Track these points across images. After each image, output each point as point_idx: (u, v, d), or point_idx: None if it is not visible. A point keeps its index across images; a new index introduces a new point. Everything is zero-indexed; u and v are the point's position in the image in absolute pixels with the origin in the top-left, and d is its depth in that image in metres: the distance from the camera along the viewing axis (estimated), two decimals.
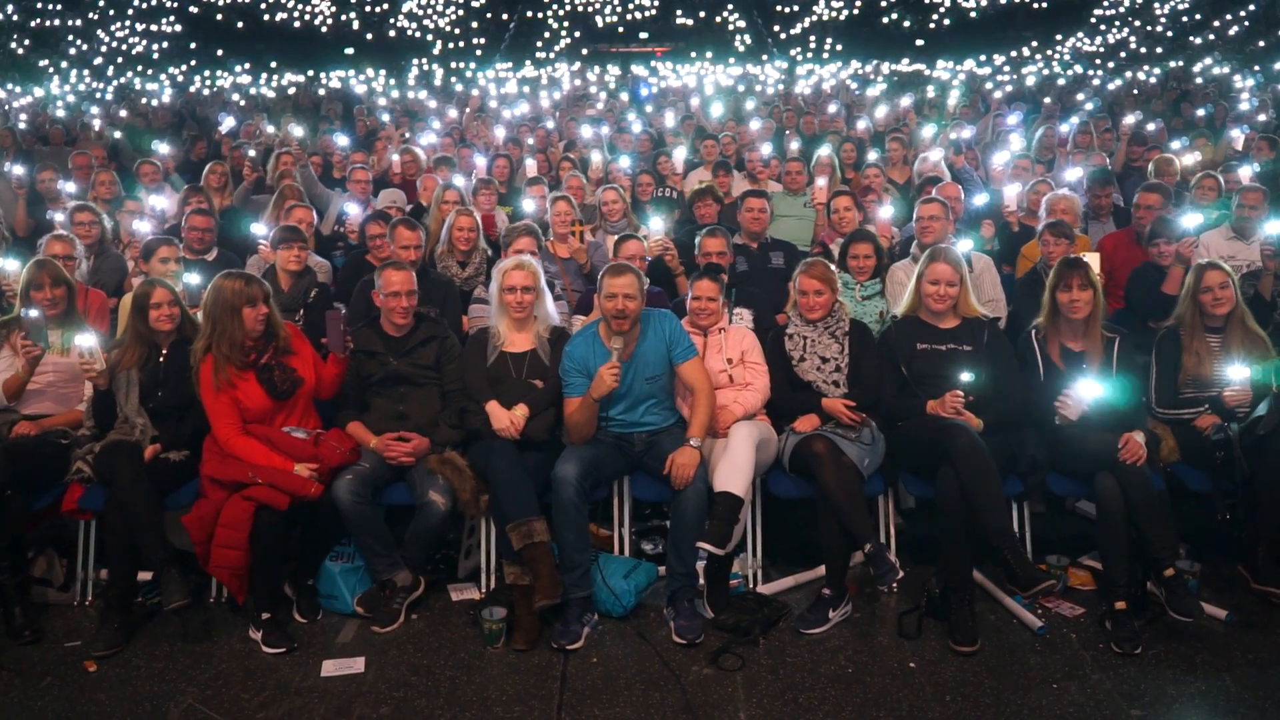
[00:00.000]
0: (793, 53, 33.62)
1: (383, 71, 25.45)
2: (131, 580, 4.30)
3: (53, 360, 4.66)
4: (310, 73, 25.01)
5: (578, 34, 39.24)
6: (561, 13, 40.69)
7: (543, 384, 4.65)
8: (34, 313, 4.51)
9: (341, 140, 10.73)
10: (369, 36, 37.31)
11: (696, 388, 4.53)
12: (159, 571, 4.16)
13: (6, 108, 16.77)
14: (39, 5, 30.38)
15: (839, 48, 34.54)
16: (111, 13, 32.81)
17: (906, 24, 37.35)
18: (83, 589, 4.59)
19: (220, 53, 32.14)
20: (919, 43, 33.91)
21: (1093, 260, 4.80)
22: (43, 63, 27.96)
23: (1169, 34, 29.99)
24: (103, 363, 4.39)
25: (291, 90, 19.47)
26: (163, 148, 9.96)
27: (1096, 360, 4.51)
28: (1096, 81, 19.21)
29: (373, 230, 6.15)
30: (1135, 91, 16.72)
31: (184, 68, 29.46)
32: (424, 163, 9.14)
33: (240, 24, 35.95)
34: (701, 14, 40.47)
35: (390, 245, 5.79)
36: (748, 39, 38.31)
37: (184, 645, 4.18)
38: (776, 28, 38.86)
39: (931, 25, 36.72)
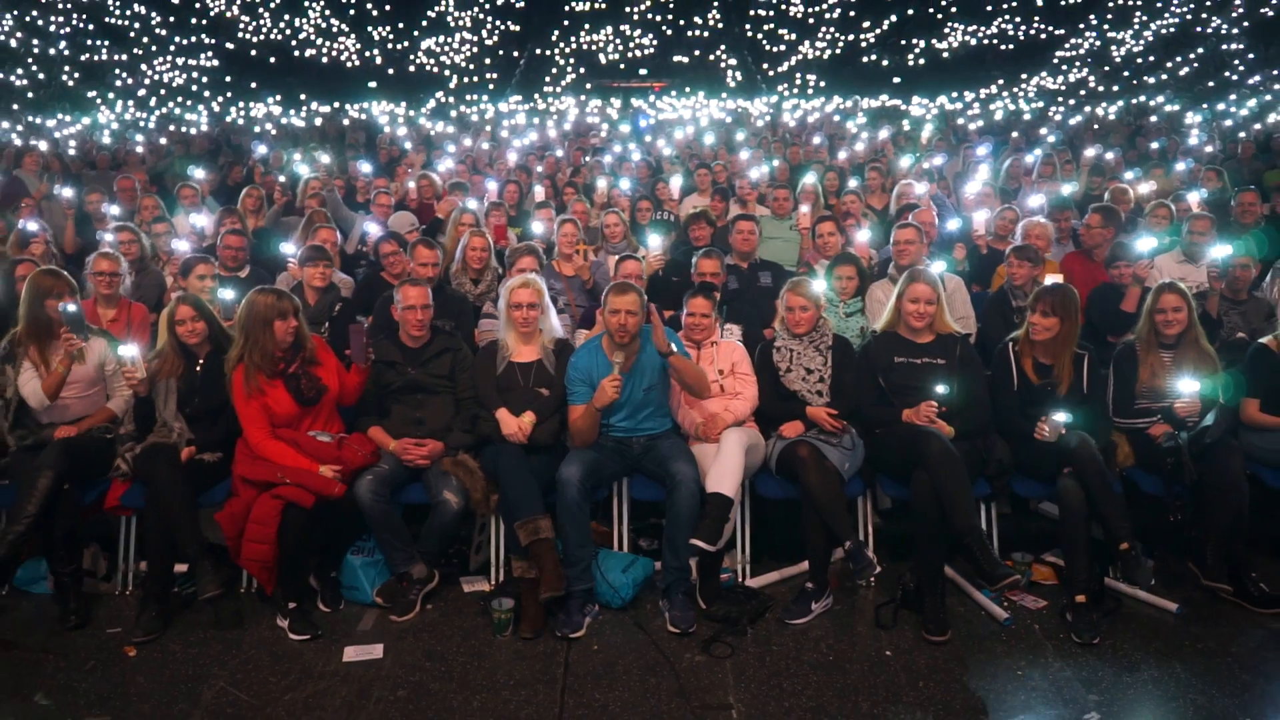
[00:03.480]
0: (780, 88, 33.74)
1: (403, 103, 25.53)
2: (168, 572, 4.30)
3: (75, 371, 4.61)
4: (336, 104, 25.13)
5: (582, 70, 39.43)
6: (568, 51, 40.91)
7: (548, 392, 4.65)
8: (71, 307, 4.45)
9: (365, 167, 10.75)
10: (390, 71, 37.50)
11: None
12: (194, 564, 4.16)
13: (57, 135, 16.80)
14: (88, 41, 30.54)
15: (822, 84, 34.74)
16: (154, 48, 33.02)
17: (885, 63, 37.59)
18: (124, 580, 4.58)
19: (254, 85, 32.27)
20: (896, 80, 34.10)
21: (1056, 280, 4.80)
22: (91, 94, 28.08)
23: (1125, 74, 30.17)
24: (143, 371, 4.38)
25: (319, 120, 19.51)
26: (200, 172, 9.97)
27: (1066, 375, 4.52)
28: (1059, 117, 19.29)
29: (386, 249, 6.14)
30: (1095, 126, 16.77)
31: (220, 99, 29.56)
32: (440, 188, 9.15)
33: (272, 59, 36.19)
34: (696, 52, 40.69)
35: (408, 263, 5.81)
36: (739, 75, 38.49)
37: (216, 632, 4.17)
38: (765, 65, 39.06)
39: (908, 64, 36.96)
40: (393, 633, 4.17)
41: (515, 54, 40.83)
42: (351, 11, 39.66)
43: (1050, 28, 36.00)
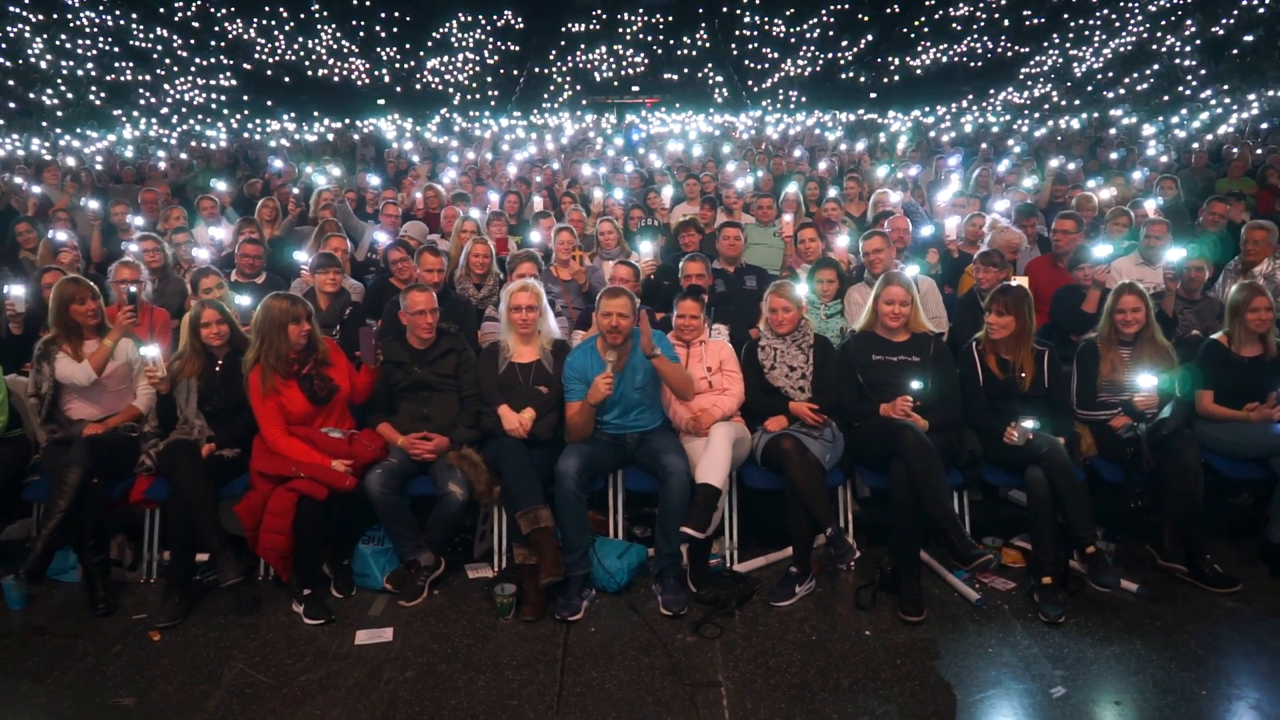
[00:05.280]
0: (764, 104, 33.77)
1: (410, 119, 25.48)
2: (190, 561, 4.28)
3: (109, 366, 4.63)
4: (347, 120, 25.08)
5: (578, 87, 39.44)
6: (564, 69, 40.93)
7: (547, 390, 4.64)
8: (134, 288, 4.65)
9: (374, 179, 10.72)
10: (398, 89, 37.48)
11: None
12: (214, 553, 4.15)
13: (85, 151, 16.73)
14: (114, 63, 30.48)
15: (804, 99, 34.80)
16: (176, 69, 33.00)
17: (862, 80, 37.69)
18: (148, 569, 4.56)
19: (270, 103, 32.23)
20: (873, 96, 34.17)
21: (1021, 283, 4.80)
22: (116, 112, 28.00)
23: (1086, 89, 30.26)
24: (164, 370, 4.37)
25: (331, 136, 19.45)
26: (222, 185, 9.93)
27: (1028, 370, 4.53)
28: (1024, 129, 19.32)
29: (394, 256, 6.11)
30: (1058, 138, 16.79)
31: (238, 116, 29.51)
32: (445, 198, 9.12)
33: (287, 79, 36.20)
34: (685, 70, 40.72)
35: (415, 269, 5.79)
36: (725, 92, 38.54)
37: (236, 618, 4.15)
38: (750, 82, 39.13)
39: (884, 81, 37.05)
40: (402, 617, 4.15)
41: (515, 72, 40.84)
42: (361, 34, 39.71)
43: (1016, 46, 36.17)
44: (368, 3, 40.13)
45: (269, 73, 36.39)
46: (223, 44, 36.09)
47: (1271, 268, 5.94)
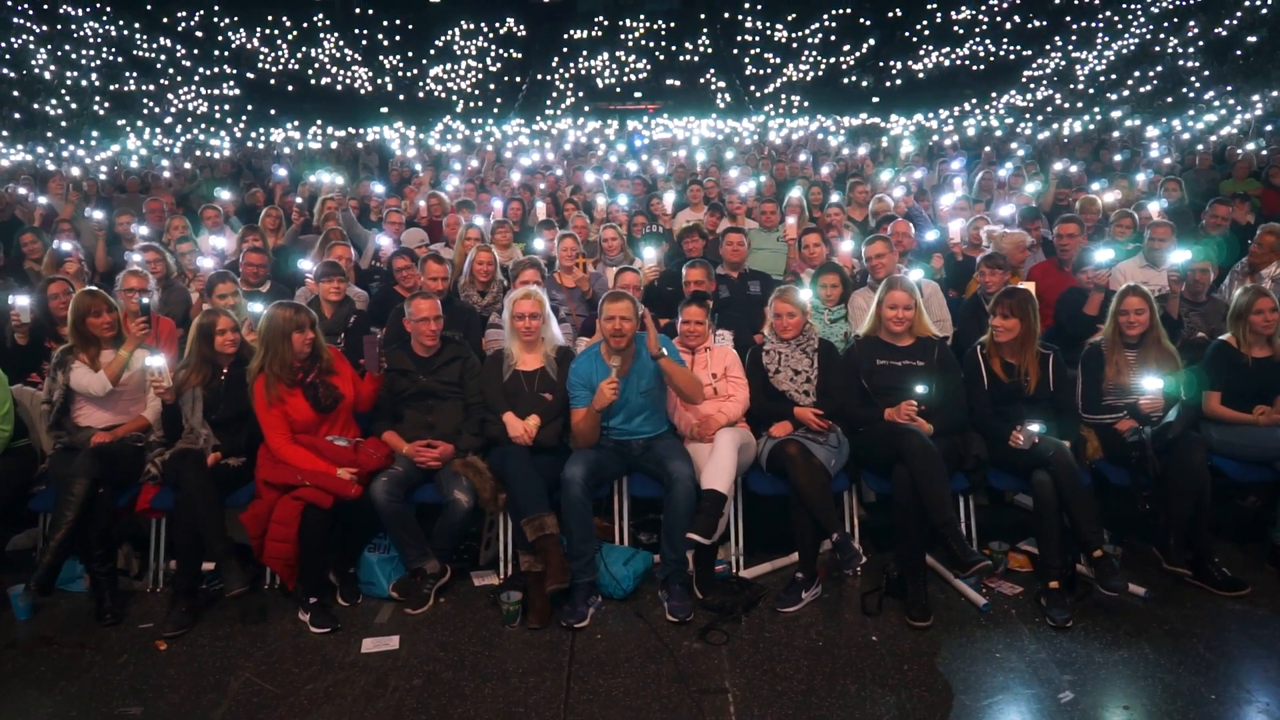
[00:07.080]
0: (766, 109, 33.79)
1: (413, 127, 25.55)
2: (196, 570, 4.28)
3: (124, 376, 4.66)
4: (351, 129, 25.14)
5: (581, 94, 39.50)
6: (567, 75, 41.03)
7: (551, 397, 4.64)
8: (145, 299, 4.68)
9: (377, 187, 10.74)
10: (401, 97, 37.62)
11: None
12: (220, 562, 4.15)
13: (89, 161, 16.79)
14: (118, 74, 30.64)
15: (806, 104, 34.82)
16: (180, 79, 33.17)
17: (864, 84, 37.73)
18: (155, 578, 4.57)
19: (273, 112, 32.35)
20: (875, 100, 34.17)
21: (1027, 286, 4.80)
22: (120, 122, 28.11)
23: (1089, 91, 30.25)
24: (169, 380, 4.39)
25: (334, 144, 19.51)
26: (226, 194, 9.95)
27: (1033, 374, 4.52)
28: (1027, 132, 19.31)
29: (399, 264, 6.12)
30: (1064, 140, 16.78)
31: (242, 125, 29.60)
32: (449, 205, 9.14)
33: (290, 87, 36.37)
34: (687, 76, 40.80)
35: (419, 277, 5.80)
36: (728, 97, 38.58)
37: (242, 626, 4.16)
38: (752, 87, 39.18)
39: (886, 85, 37.09)
40: (408, 625, 4.15)
41: (518, 79, 40.94)
42: (364, 42, 39.88)
43: (1018, 49, 36.18)
44: (370, 11, 40.31)
45: (272, 82, 36.55)
46: (226, 53, 36.28)
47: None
